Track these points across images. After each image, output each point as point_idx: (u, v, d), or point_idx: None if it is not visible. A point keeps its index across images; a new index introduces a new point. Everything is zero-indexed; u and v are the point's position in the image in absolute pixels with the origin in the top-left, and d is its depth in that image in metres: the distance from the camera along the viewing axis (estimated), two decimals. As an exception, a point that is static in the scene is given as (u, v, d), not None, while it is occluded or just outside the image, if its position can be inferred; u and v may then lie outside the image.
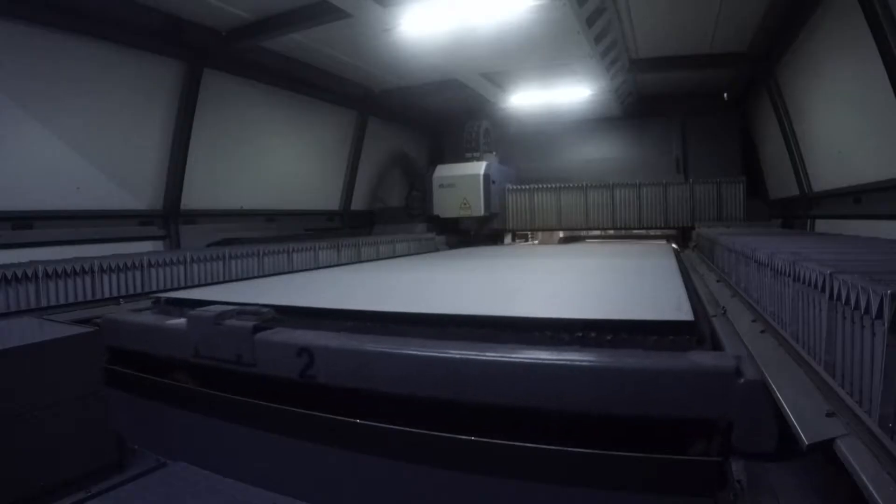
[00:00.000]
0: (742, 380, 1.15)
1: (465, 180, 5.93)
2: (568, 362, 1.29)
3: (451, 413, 1.38)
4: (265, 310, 1.75)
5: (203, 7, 3.72)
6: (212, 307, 1.80)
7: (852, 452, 0.82)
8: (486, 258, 4.45)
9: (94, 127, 3.61)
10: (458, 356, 1.38)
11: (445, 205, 6.02)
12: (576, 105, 5.80)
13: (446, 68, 4.83)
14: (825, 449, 0.86)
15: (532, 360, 1.31)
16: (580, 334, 1.54)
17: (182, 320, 1.81)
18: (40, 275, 2.28)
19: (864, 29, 2.88)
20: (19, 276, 2.21)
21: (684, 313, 1.61)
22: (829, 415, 0.94)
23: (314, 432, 1.49)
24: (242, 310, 1.77)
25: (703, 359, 1.27)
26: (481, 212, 5.85)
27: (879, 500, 0.71)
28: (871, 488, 0.73)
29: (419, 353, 1.42)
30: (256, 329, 1.65)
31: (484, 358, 1.35)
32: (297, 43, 4.44)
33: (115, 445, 1.61)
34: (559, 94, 5.48)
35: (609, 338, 1.51)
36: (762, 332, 1.50)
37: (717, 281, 2.49)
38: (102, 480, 1.53)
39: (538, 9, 3.46)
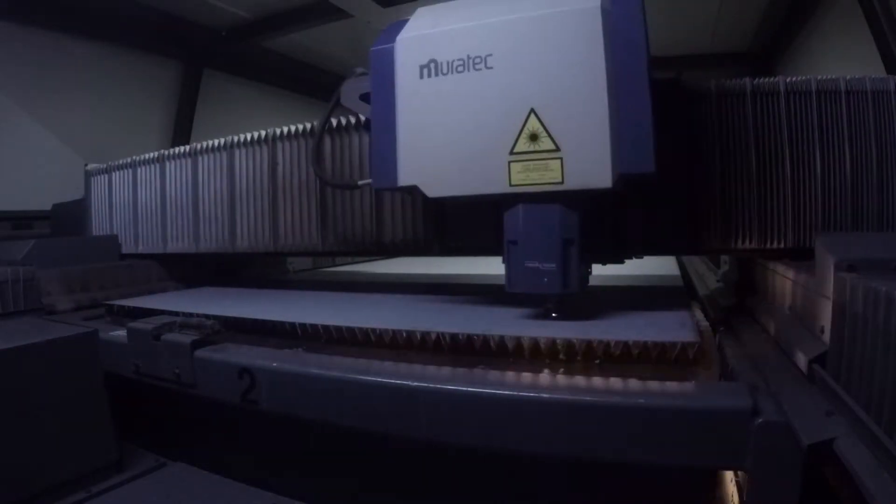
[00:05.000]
0: (759, 420, 0.95)
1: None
2: (548, 398, 1.08)
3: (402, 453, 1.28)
4: (209, 322, 1.61)
5: (203, 7, 3.73)
6: (154, 318, 1.66)
7: (852, 452, 0.81)
8: None
9: (94, 127, 3.62)
10: (413, 385, 1.19)
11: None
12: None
13: (446, 68, 4.83)
14: (825, 449, 0.86)
15: (515, 395, 1.11)
16: (563, 357, 1.33)
17: (123, 332, 1.68)
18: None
19: (864, 29, 2.88)
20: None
21: (688, 332, 1.34)
22: (828, 414, 0.94)
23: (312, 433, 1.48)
24: (186, 322, 1.63)
25: (710, 393, 1.06)
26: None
27: (879, 501, 0.71)
28: (871, 488, 0.73)
29: (366, 379, 1.25)
30: (196, 345, 1.51)
31: (441, 389, 1.17)
32: (297, 43, 4.45)
33: (115, 445, 1.61)
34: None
35: (597, 362, 1.30)
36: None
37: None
38: (102, 480, 1.52)
39: (538, 9, 3.46)
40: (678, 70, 1.69)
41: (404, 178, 1.51)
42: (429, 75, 1.46)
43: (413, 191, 1.53)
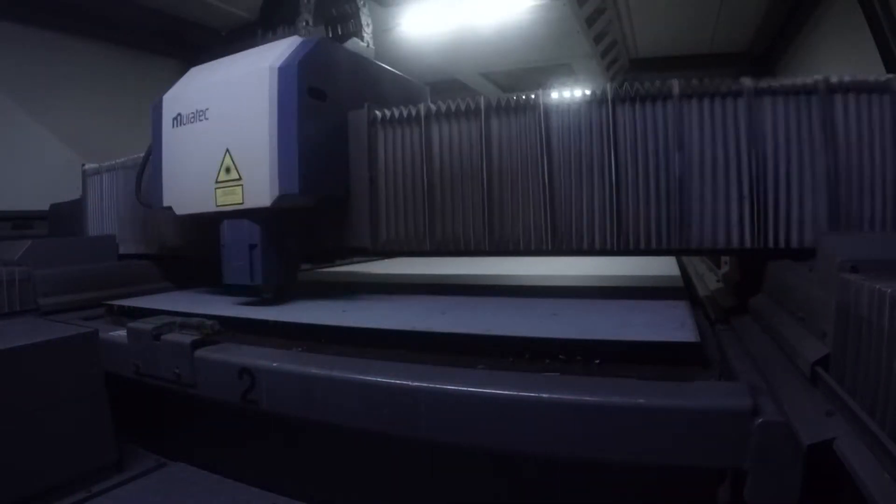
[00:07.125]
0: (760, 420, 0.95)
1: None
2: (548, 398, 1.08)
3: (402, 453, 1.30)
4: (209, 322, 1.61)
5: (203, 7, 3.73)
6: (153, 318, 1.67)
7: (852, 452, 0.81)
8: None
9: (94, 127, 3.62)
10: (413, 385, 1.20)
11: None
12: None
13: (446, 68, 4.84)
14: (825, 449, 0.86)
15: (515, 395, 1.11)
16: (563, 357, 1.33)
17: (123, 332, 1.68)
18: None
19: (864, 29, 2.88)
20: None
21: (688, 332, 1.33)
22: (828, 414, 0.94)
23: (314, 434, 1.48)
24: (185, 322, 1.63)
25: (710, 393, 1.06)
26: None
27: (879, 501, 0.71)
28: (871, 488, 0.73)
29: (366, 379, 1.26)
30: (196, 345, 1.51)
31: (441, 389, 1.17)
32: (297, 43, 4.46)
33: (115, 445, 1.61)
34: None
35: (597, 362, 1.30)
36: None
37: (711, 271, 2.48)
38: (102, 480, 1.52)
39: (538, 9, 3.47)
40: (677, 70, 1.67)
41: (166, 201, 2.05)
42: (177, 125, 1.99)
43: (169, 210, 2.03)
